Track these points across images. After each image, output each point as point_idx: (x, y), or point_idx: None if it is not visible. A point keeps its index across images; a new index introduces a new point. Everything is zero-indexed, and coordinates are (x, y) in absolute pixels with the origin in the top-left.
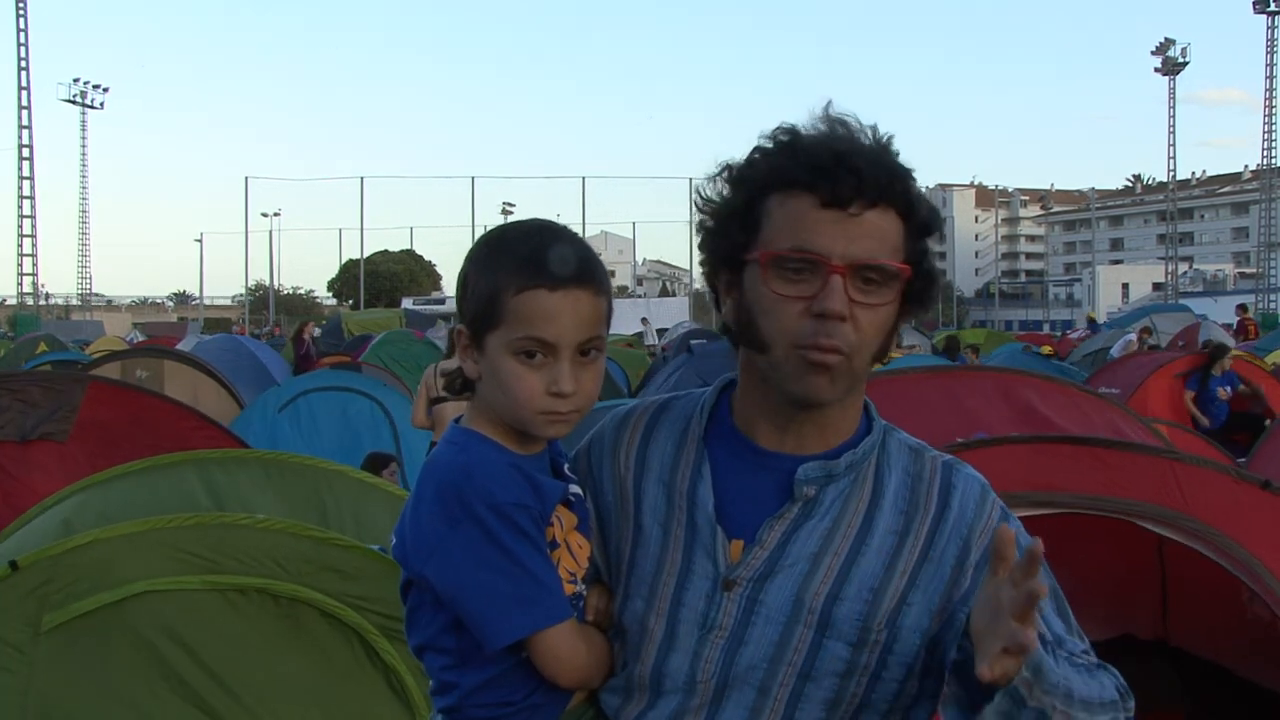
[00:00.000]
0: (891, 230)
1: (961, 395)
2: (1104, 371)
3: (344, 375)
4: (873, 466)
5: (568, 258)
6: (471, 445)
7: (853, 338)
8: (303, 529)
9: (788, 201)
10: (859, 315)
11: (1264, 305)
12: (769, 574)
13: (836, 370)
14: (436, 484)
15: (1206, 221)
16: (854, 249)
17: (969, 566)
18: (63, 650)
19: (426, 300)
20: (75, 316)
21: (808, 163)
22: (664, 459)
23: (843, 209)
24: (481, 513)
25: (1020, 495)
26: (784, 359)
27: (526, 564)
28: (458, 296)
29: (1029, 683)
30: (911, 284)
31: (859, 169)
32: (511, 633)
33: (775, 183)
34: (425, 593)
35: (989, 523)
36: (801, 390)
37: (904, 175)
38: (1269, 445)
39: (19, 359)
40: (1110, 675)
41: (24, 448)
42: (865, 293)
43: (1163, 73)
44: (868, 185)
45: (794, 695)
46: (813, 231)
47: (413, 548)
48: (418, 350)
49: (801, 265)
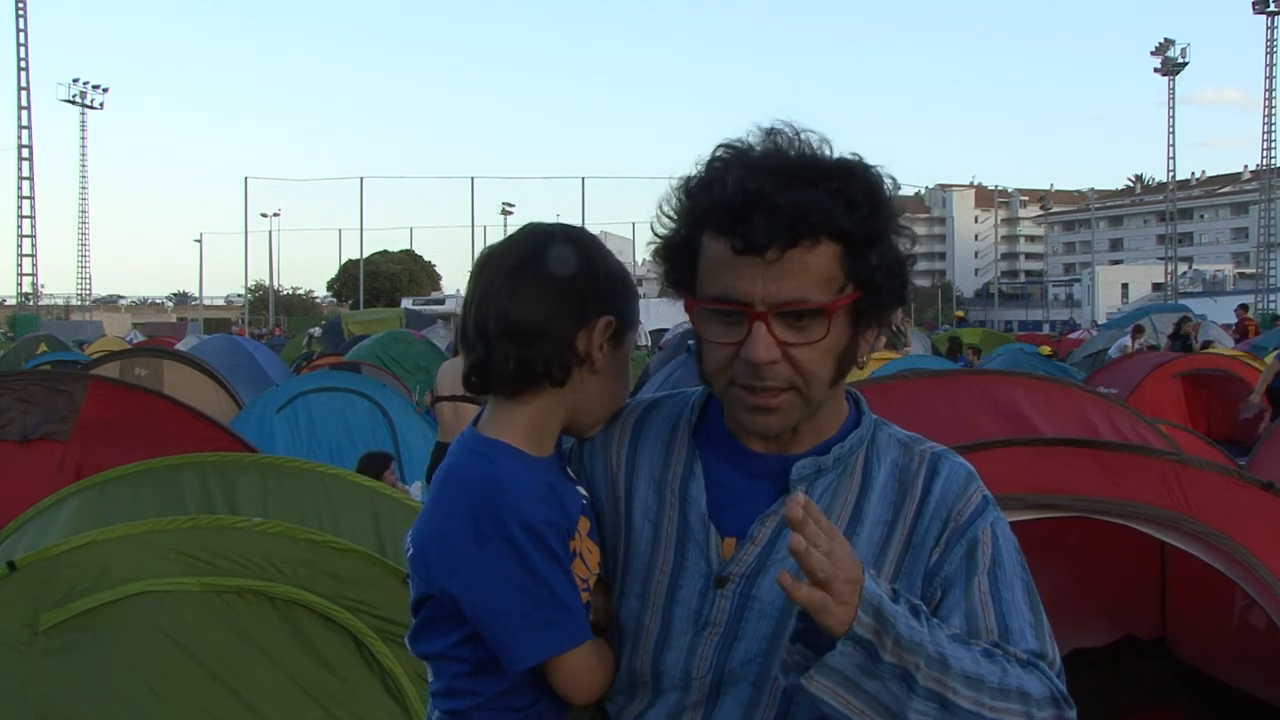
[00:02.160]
0: (820, 263)
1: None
2: (1103, 371)
3: (342, 376)
4: (861, 459)
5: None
6: (499, 458)
7: (792, 376)
8: (300, 532)
9: (712, 244)
10: (795, 354)
11: (1264, 305)
12: (761, 570)
13: (783, 408)
14: (466, 499)
15: (1206, 222)
16: (775, 292)
17: (941, 543)
18: (60, 650)
19: (426, 300)
20: (75, 317)
21: (721, 209)
22: (654, 457)
23: (759, 254)
24: (513, 530)
25: (1021, 498)
26: (725, 396)
27: (554, 585)
28: (591, 297)
29: (875, 630)
30: (860, 302)
31: (775, 208)
32: (534, 656)
33: (702, 222)
34: (444, 607)
35: (968, 504)
36: (749, 427)
37: (827, 206)
38: (1269, 447)
39: (19, 359)
40: (1042, 678)
41: (25, 447)
42: (797, 330)
43: (1162, 73)
44: (782, 228)
45: (788, 689)
46: (734, 277)
47: (437, 562)
48: (417, 350)
49: (727, 322)
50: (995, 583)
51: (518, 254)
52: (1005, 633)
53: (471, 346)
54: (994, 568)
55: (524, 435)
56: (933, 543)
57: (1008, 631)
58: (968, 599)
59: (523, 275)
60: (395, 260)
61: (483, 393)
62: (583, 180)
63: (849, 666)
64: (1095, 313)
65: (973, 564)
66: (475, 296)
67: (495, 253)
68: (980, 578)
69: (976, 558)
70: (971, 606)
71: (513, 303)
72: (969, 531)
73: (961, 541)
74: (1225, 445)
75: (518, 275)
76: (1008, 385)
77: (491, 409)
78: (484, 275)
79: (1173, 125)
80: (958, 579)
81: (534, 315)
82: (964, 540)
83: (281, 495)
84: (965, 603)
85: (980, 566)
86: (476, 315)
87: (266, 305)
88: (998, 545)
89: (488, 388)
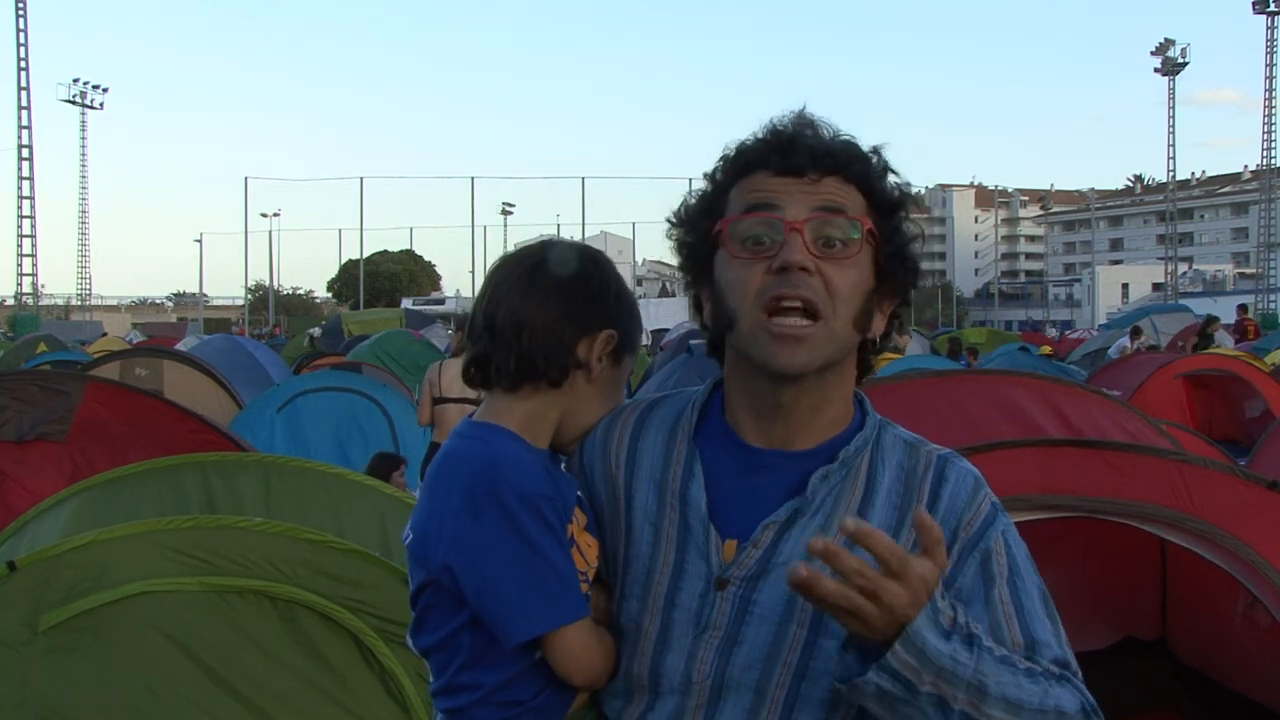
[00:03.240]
0: (853, 197)
1: (964, 400)
2: (1104, 372)
3: (343, 376)
4: (866, 461)
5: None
6: (493, 438)
7: (822, 291)
8: (300, 532)
9: (746, 183)
10: (825, 270)
11: (1264, 305)
12: (762, 573)
13: (809, 338)
14: (463, 476)
15: (1206, 222)
16: (813, 201)
17: (953, 555)
18: (60, 650)
19: (426, 300)
20: (75, 317)
21: (762, 145)
22: (655, 457)
23: (799, 175)
24: (509, 502)
25: (1027, 498)
26: (751, 329)
27: (550, 557)
28: (598, 308)
29: (914, 669)
30: (883, 256)
31: (818, 140)
32: (532, 628)
33: (736, 173)
34: (442, 592)
35: (978, 513)
36: (772, 360)
37: (863, 157)
38: (1270, 445)
39: (18, 359)
40: (1074, 691)
41: (22, 448)
42: (828, 251)
43: (1162, 73)
44: (821, 155)
45: (790, 696)
46: (770, 194)
47: (435, 540)
48: (416, 350)
49: (762, 233)
50: (1016, 592)
51: (534, 258)
52: (1032, 644)
53: (477, 339)
54: (1012, 577)
55: (519, 425)
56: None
57: (1035, 643)
58: (990, 612)
59: (536, 276)
60: (395, 260)
61: (482, 385)
62: (583, 180)
63: (882, 693)
64: (1095, 313)
65: (989, 576)
66: (487, 292)
67: (512, 255)
68: (1000, 589)
69: (992, 569)
70: (995, 619)
71: (523, 301)
72: (981, 543)
73: (975, 553)
74: (1226, 445)
75: (531, 276)
76: (1011, 385)
77: (489, 402)
78: (499, 273)
79: (1173, 125)
80: (976, 593)
81: (541, 314)
82: (977, 552)
83: (284, 495)
84: (988, 616)
85: (997, 578)
86: (486, 309)
87: (266, 305)
88: (1011, 554)
89: (487, 381)
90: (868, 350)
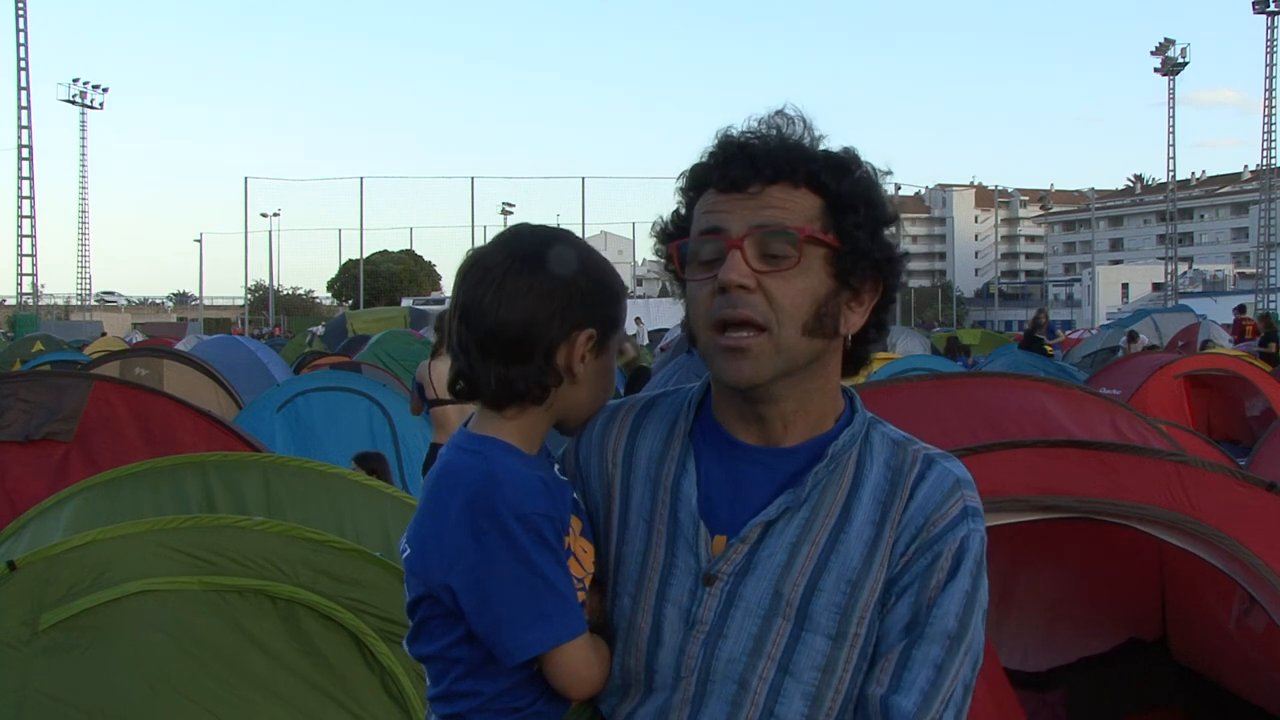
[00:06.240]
0: (801, 203)
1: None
2: (1104, 372)
3: (343, 375)
4: (854, 458)
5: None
6: (493, 453)
7: (763, 307)
8: (301, 531)
9: (701, 201)
10: (768, 285)
11: (1264, 305)
12: (749, 568)
13: (754, 351)
14: (461, 494)
15: (1206, 222)
16: (751, 219)
17: (910, 551)
18: (60, 649)
19: (427, 300)
20: (75, 317)
21: (708, 161)
22: (650, 455)
23: (740, 190)
24: (509, 522)
25: (1025, 499)
26: (706, 346)
27: (549, 576)
28: (570, 313)
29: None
30: (840, 257)
31: (759, 151)
32: (531, 648)
33: (694, 188)
34: (440, 606)
35: (944, 515)
36: (723, 375)
37: (812, 157)
38: (1269, 446)
39: (14, 359)
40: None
41: (27, 448)
42: (771, 263)
43: (1162, 73)
44: (761, 166)
45: (773, 689)
46: (716, 214)
47: (435, 558)
48: (416, 349)
49: (708, 254)
50: (930, 618)
51: (499, 267)
52: (886, 709)
53: (455, 356)
54: (938, 595)
55: (513, 436)
56: (902, 550)
57: (889, 709)
58: (911, 614)
59: (503, 290)
60: (395, 260)
61: (469, 400)
62: (583, 180)
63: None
64: (1095, 313)
65: (924, 584)
66: (456, 309)
67: (474, 266)
68: (920, 610)
69: (930, 579)
70: (906, 636)
71: (494, 319)
72: (936, 545)
73: (927, 554)
74: (1226, 445)
75: (500, 289)
76: (1009, 387)
77: (480, 412)
78: (464, 286)
79: (1173, 125)
80: (909, 589)
81: (513, 336)
82: (929, 553)
83: (285, 495)
84: (909, 616)
85: (926, 592)
86: (458, 329)
87: (266, 305)
88: (958, 559)
89: (474, 397)
90: (862, 345)
